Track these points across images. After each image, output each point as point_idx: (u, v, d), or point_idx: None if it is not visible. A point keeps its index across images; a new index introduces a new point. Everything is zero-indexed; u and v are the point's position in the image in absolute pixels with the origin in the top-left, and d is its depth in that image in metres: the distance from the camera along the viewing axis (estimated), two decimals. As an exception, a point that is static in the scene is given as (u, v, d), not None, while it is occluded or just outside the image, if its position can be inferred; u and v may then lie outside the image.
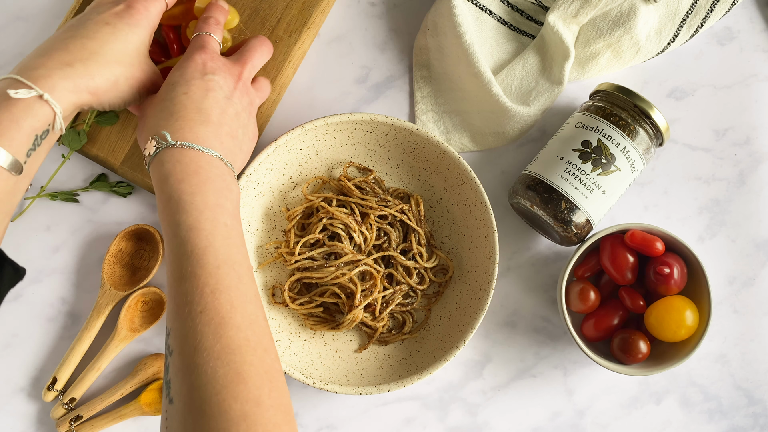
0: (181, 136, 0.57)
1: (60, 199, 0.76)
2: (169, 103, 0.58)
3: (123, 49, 0.59)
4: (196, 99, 0.59)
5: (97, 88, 0.57)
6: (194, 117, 0.58)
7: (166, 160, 0.56)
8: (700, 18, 0.77)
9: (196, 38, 0.64)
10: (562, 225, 0.69)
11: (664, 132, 0.71)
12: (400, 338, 0.73)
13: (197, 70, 0.61)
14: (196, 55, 0.62)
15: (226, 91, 0.61)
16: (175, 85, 0.59)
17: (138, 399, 0.74)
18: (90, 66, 0.56)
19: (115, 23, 0.59)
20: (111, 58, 0.58)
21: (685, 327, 0.69)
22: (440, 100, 0.78)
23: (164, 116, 0.58)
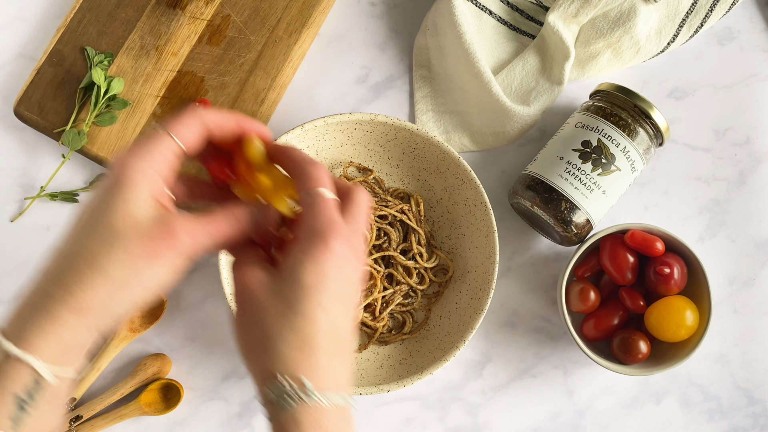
0: (321, 385, 0.43)
1: (60, 199, 0.76)
2: (302, 320, 0.43)
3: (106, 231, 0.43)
4: (332, 317, 0.44)
5: (87, 305, 0.42)
6: (331, 348, 0.44)
7: (303, 421, 0.43)
8: (700, 18, 0.77)
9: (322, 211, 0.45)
10: (562, 225, 0.69)
11: (664, 132, 0.71)
12: (400, 338, 0.73)
13: (337, 268, 0.44)
14: (334, 242, 0.44)
15: (354, 291, 0.46)
16: (310, 290, 0.43)
17: (138, 399, 0.74)
18: (65, 278, 0.42)
19: (93, 198, 0.44)
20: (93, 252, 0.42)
21: (685, 327, 0.69)
22: (440, 100, 0.78)
23: (295, 343, 0.43)
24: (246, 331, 0.45)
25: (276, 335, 0.44)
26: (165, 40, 0.76)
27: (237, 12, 0.76)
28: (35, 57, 0.78)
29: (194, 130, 0.46)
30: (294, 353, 0.43)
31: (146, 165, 0.44)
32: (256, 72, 0.75)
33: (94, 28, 0.76)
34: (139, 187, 0.43)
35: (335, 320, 0.44)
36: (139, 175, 0.43)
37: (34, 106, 0.75)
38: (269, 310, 0.44)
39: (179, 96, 0.75)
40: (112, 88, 0.74)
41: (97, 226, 0.43)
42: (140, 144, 0.45)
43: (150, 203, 0.44)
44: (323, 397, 0.43)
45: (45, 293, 0.42)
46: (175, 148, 0.45)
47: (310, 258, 0.44)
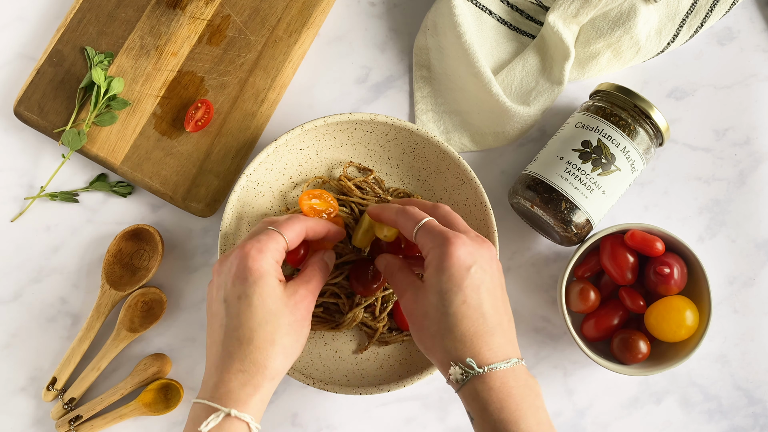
0: (483, 359, 0.55)
1: (60, 199, 0.76)
2: (453, 318, 0.56)
3: (268, 314, 0.58)
4: (474, 305, 0.56)
5: (277, 372, 0.58)
6: (482, 328, 0.56)
7: (480, 390, 0.55)
8: (700, 18, 0.77)
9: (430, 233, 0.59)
10: (562, 225, 0.69)
11: (664, 132, 0.71)
12: (401, 338, 0.73)
13: (462, 268, 0.57)
14: (451, 249, 0.57)
15: (489, 273, 0.58)
16: (449, 294, 0.56)
17: (138, 399, 0.74)
18: (257, 358, 0.57)
19: (242, 292, 0.58)
20: (266, 332, 0.57)
21: (685, 327, 0.69)
22: (440, 100, 0.78)
23: (455, 336, 0.56)
24: (420, 338, 0.59)
25: (439, 336, 0.57)
26: (165, 40, 0.76)
27: (237, 12, 0.76)
28: (35, 57, 0.78)
29: (300, 236, 0.62)
30: (456, 344, 0.56)
31: (270, 259, 0.59)
32: (256, 72, 0.75)
33: (94, 28, 0.76)
34: (271, 276, 0.59)
35: (480, 307, 0.57)
36: (268, 267, 0.59)
37: (34, 106, 0.75)
38: (429, 318, 0.58)
39: (179, 96, 0.75)
40: (112, 88, 0.74)
41: (261, 314, 0.57)
42: (261, 240, 0.59)
43: (279, 285, 0.59)
44: (488, 368, 0.55)
45: (243, 371, 0.56)
46: (284, 244, 0.61)
47: (440, 270, 0.57)
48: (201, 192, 0.74)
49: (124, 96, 0.75)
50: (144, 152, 0.75)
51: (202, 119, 0.74)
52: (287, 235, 0.61)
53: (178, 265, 0.77)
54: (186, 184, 0.74)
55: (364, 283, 0.69)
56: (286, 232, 0.61)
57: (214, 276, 0.61)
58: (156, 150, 0.75)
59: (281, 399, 0.76)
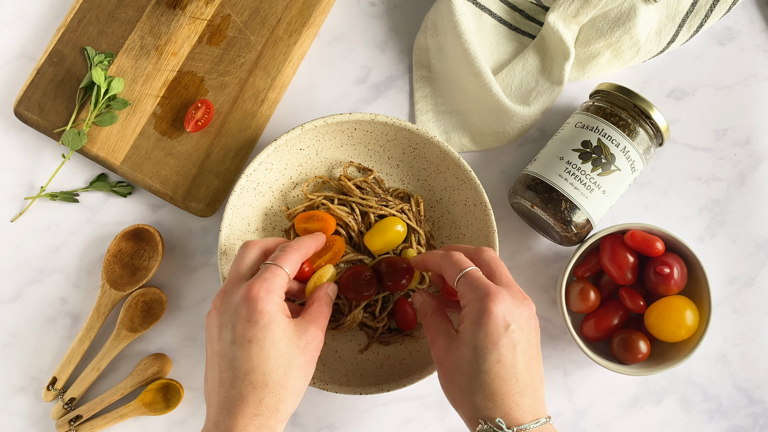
0: (513, 420, 0.55)
1: (60, 199, 0.76)
2: (485, 376, 0.56)
3: (280, 357, 0.58)
4: (508, 365, 0.56)
5: (288, 414, 0.58)
6: (514, 388, 0.56)
7: None
8: (700, 18, 0.77)
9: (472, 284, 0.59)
10: (562, 225, 0.69)
11: (664, 132, 0.71)
12: (401, 338, 0.73)
13: (501, 326, 0.56)
14: (492, 305, 0.57)
15: (527, 333, 0.58)
16: (484, 352, 0.56)
17: (138, 399, 0.74)
18: (271, 402, 0.57)
19: (253, 335, 0.57)
20: (280, 375, 0.57)
21: (685, 327, 0.69)
22: (440, 100, 0.78)
23: (486, 394, 0.55)
24: (448, 389, 0.59)
25: (469, 391, 0.56)
26: (165, 40, 0.76)
27: (237, 12, 0.76)
28: (35, 57, 0.78)
29: (297, 261, 0.62)
30: (486, 403, 0.55)
31: (276, 297, 0.59)
32: (256, 72, 0.75)
33: (94, 28, 0.76)
34: (281, 317, 0.58)
35: (514, 367, 0.56)
36: (277, 308, 0.58)
37: (34, 106, 0.75)
38: (461, 372, 0.57)
39: (179, 96, 0.75)
40: (112, 88, 0.74)
41: (275, 357, 0.57)
42: (268, 280, 0.59)
43: (289, 324, 0.59)
44: (517, 429, 0.54)
45: (258, 415, 0.56)
46: (286, 278, 0.60)
47: (477, 325, 0.56)
48: (201, 192, 0.74)
49: (124, 96, 0.75)
50: (144, 152, 0.75)
51: (202, 119, 0.74)
52: (288, 268, 0.61)
53: (178, 265, 0.77)
54: (186, 184, 0.74)
55: (355, 290, 0.68)
56: (287, 265, 0.61)
57: (216, 312, 0.60)
58: (156, 150, 0.75)
59: (281, 399, 0.76)
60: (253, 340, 0.57)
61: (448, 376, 0.58)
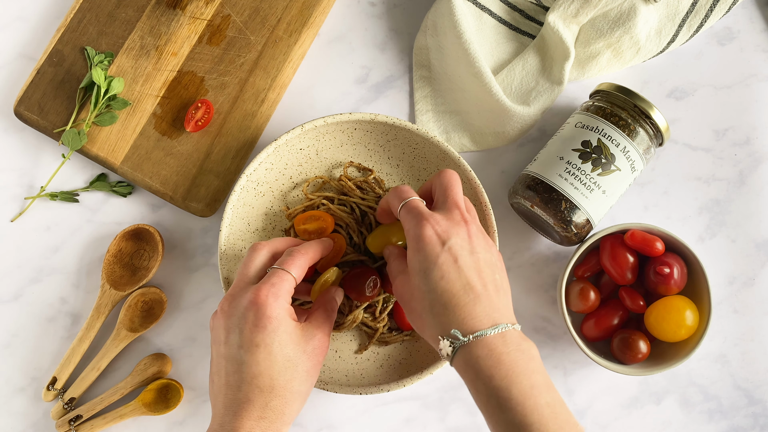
0: (468, 328, 0.56)
1: (60, 199, 0.76)
2: (433, 294, 0.58)
3: (287, 362, 0.58)
4: (453, 278, 0.58)
5: (293, 416, 0.59)
6: (464, 299, 0.57)
7: (468, 358, 0.56)
8: (700, 18, 0.77)
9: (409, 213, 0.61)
10: (562, 225, 0.69)
11: (664, 132, 0.71)
12: (401, 338, 0.73)
13: (436, 245, 0.59)
14: (423, 230, 0.59)
15: (468, 248, 0.59)
16: (427, 272, 0.58)
17: (138, 399, 0.74)
18: (277, 405, 0.58)
19: (261, 340, 0.58)
20: (286, 380, 0.58)
21: (685, 327, 0.69)
22: (440, 100, 0.78)
23: (438, 311, 0.58)
24: (412, 320, 0.61)
25: (426, 313, 0.59)
26: (165, 40, 0.76)
27: (237, 12, 0.76)
28: (35, 57, 0.78)
29: (304, 265, 0.63)
30: (441, 318, 0.58)
31: (283, 302, 0.59)
32: (256, 72, 0.75)
33: (94, 28, 0.76)
34: (288, 321, 0.59)
35: (458, 279, 0.58)
36: (282, 311, 0.59)
37: (34, 106, 0.75)
38: (415, 299, 0.60)
39: (179, 96, 0.75)
40: (112, 88, 0.74)
41: (281, 361, 0.58)
42: (275, 285, 0.59)
43: (296, 328, 0.60)
44: (473, 336, 0.56)
45: (264, 418, 0.57)
46: (293, 282, 0.61)
47: (417, 251, 0.59)
48: (201, 192, 0.74)
49: (124, 96, 0.75)
50: (144, 152, 0.75)
51: (202, 119, 0.74)
52: (295, 272, 0.61)
53: (178, 265, 0.77)
54: (186, 184, 0.74)
55: (359, 290, 0.68)
56: (294, 270, 0.61)
57: (222, 316, 0.60)
58: (156, 150, 0.75)
59: (281, 399, 0.76)
60: (261, 345, 0.58)
61: (408, 307, 0.61)
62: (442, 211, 0.62)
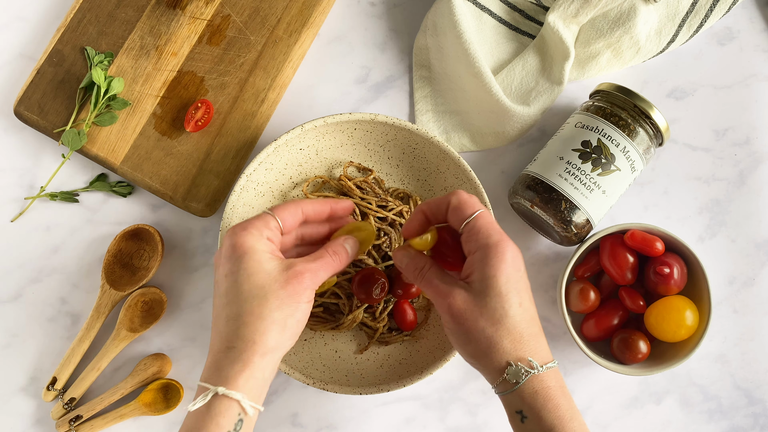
0: (540, 359, 0.57)
1: (60, 199, 0.76)
2: (512, 320, 0.57)
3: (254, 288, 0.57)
4: (527, 307, 0.58)
5: (269, 348, 0.56)
6: (535, 330, 0.58)
7: (539, 388, 0.56)
8: (700, 18, 0.77)
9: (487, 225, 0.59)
10: (562, 225, 0.69)
11: (664, 132, 0.71)
12: (401, 338, 0.73)
13: (516, 271, 0.58)
14: (508, 251, 0.58)
15: (525, 275, 0.60)
16: (509, 296, 0.57)
17: (138, 399, 0.74)
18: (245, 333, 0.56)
19: (228, 270, 0.58)
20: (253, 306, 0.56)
21: (685, 327, 0.69)
22: (440, 100, 0.78)
23: (514, 338, 0.57)
24: (467, 342, 0.58)
25: (498, 337, 0.57)
26: (165, 40, 0.76)
27: (237, 12, 0.76)
28: (35, 57, 0.78)
29: (295, 215, 0.62)
30: (516, 345, 0.57)
31: (258, 235, 0.58)
32: (256, 72, 0.75)
33: (94, 28, 0.76)
34: (259, 251, 0.58)
35: (530, 309, 0.58)
36: (255, 243, 0.58)
37: (34, 106, 0.75)
38: (487, 321, 0.57)
39: (179, 96, 0.75)
40: (112, 88, 0.74)
41: (248, 288, 0.56)
42: (248, 220, 0.59)
43: (272, 259, 0.58)
44: (546, 367, 0.57)
45: (232, 348, 0.56)
46: (277, 226, 0.60)
47: (497, 270, 0.57)
48: (201, 192, 0.74)
49: (124, 96, 0.75)
50: (144, 152, 0.75)
51: (202, 119, 0.74)
52: (280, 215, 0.61)
53: (178, 265, 0.77)
54: (186, 184, 0.74)
55: (367, 292, 0.69)
56: (279, 213, 0.61)
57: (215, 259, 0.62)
58: (156, 150, 0.75)
59: (281, 399, 0.76)
60: (228, 274, 0.58)
61: (469, 326, 0.57)
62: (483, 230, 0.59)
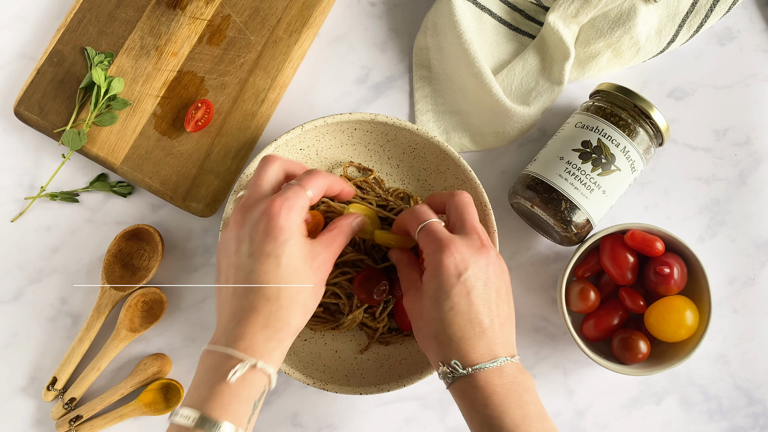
0: (468, 361, 0.58)
1: (60, 199, 0.76)
2: (442, 323, 0.59)
3: (293, 273, 0.59)
4: (462, 311, 0.59)
5: (297, 329, 0.60)
6: (469, 333, 0.58)
7: (465, 388, 0.58)
8: (700, 18, 0.77)
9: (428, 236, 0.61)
10: (562, 225, 0.69)
11: (664, 132, 0.71)
12: (401, 339, 0.73)
13: (452, 276, 0.59)
14: (443, 257, 0.59)
15: (483, 278, 0.60)
16: (439, 301, 0.59)
17: (138, 399, 0.74)
18: (282, 315, 0.58)
19: (271, 250, 0.58)
20: (293, 291, 0.59)
21: (685, 327, 0.69)
22: (440, 100, 0.78)
23: (443, 339, 0.59)
24: (417, 336, 0.62)
25: (431, 337, 0.60)
26: (165, 40, 0.76)
27: (237, 12, 0.76)
28: (35, 57, 0.78)
29: (322, 187, 0.63)
30: (444, 347, 0.59)
31: (296, 216, 0.59)
32: (256, 72, 0.75)
33: (94, 28, 0.76)
34: (299, 235, 0.59)
35: (467, 313, 0.59)
36: (294, 225, 0.59)
37: (34, 106, 0.75)
38: (423, 320, 0.60)
39: (179, 96, 0.75)
40: (112, 88, 0.74)
41: (289, 272, 0.58)
42: (290, 199, 0.59)
43: (306, 243, 0.60)
44: (473, 369, 0.58)
45: (268, 327, 0.58)
46: (308, 200, 0.61)
47: (433, 276, 0.60)
48: (201, 192, 0.74)
49: (124, 96, 0.75)
50: (144, 152, 0.75)
51: (202, 119, 0.74)
52: (311, 191, 0.62)
53: (178, 265, 0.77)
54: (186, 184, 0.74)
55: (369, 293, 0.69)
56: (311, 188, 0.62)
57: (234, 227, 0.60)
58: (156, 150, 0.75)
59: (281, 399, 0.76)
60: (271, 255, 0.58)
61: (415, 324, 0.62)
62: (461, 235, 0.62)
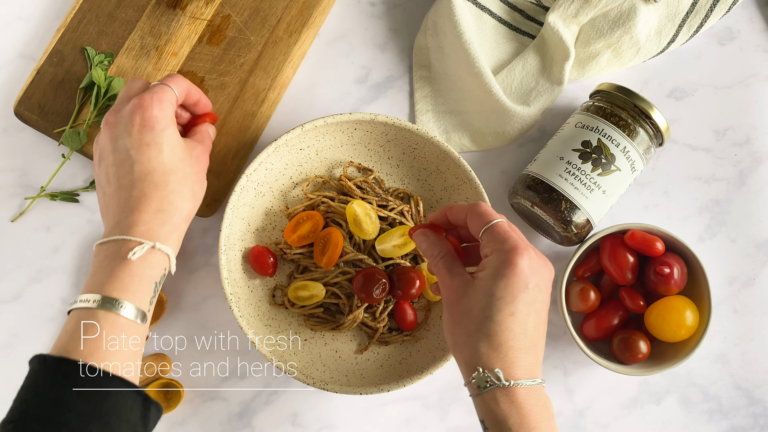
0: (511, 374, 0.55)
1: (60, 199, 0.76)
2: (496, 326, 0.55)
3: (177, 161, 0.61)
4: (521, 320, 0.56)
5: (189, 214, 0.62)
6: (519, 344, 0.56)
7: (501, 401, 0.55)
8: (700, 18, 0.77)
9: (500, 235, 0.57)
10: (562, 225, 0.69)
11: (664, 132, 0.72)
12: (401, 338, 0.73)
13: (522, 281, 0.56)
14: (520, 258, 0.56)
15: (544, 292, 0.58)
16: (501, 302, 0.55)
17: (138, 399, 0.74)
18: (173, 199, 0.60)
19: (151, 139, 0.60)
20: (180, 177, 0.61)
21: (685, 327, 0.69)
22: (440, 100, 0.78)
23: (491, 344, 0.55)
24: (453, 330, 0.58)
25: (476, 337, 0.56)
26: (165, 40, 0.76)
27: (237, 12, 0.76)
28: (35, 57, 0.78)
29: (184, 88, 0.66)
30: (490, 352, 0.55)
31: (169, 108, 0.61)
32: (256, 72, 0.75)
33: (94, 28, 0.76)
34: (173, 125, 0.62)
35: (525, 323, 0.56)
36: (168, 115, 0.61)
37: (34, 106, 0.75)
38: (471, 317, 0.56)
39: (179, 96, 0.75)
40: (112, 88, 0.74)
41: (172, 159, 0.60)
42: (158, 92, 0.61)
43: (179, 135, 0.63)
44: (514, 383, 0.55)
45: (162, 211, 0.59)
46: (175, 97, 0.63)
47: (500, 275, 0.56)
48: (201, 192, 0.74)
49: (124, 96, 0.75)
50: (144, 152, 0.75)
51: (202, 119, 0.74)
52: (176, 89, 0.64)
53: (178, 265, 0.77)
54: (186, 184, 0.74)
55: (368, 292, 0.69)
56: (175, 86, 0.64)
57: (107, 128, 0.62)
58: (156, 150, 0.75)
59: (281, 399, 0.76)
60: (151, 144, 0.60)
61: (457, 318, 0.57)
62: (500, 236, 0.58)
